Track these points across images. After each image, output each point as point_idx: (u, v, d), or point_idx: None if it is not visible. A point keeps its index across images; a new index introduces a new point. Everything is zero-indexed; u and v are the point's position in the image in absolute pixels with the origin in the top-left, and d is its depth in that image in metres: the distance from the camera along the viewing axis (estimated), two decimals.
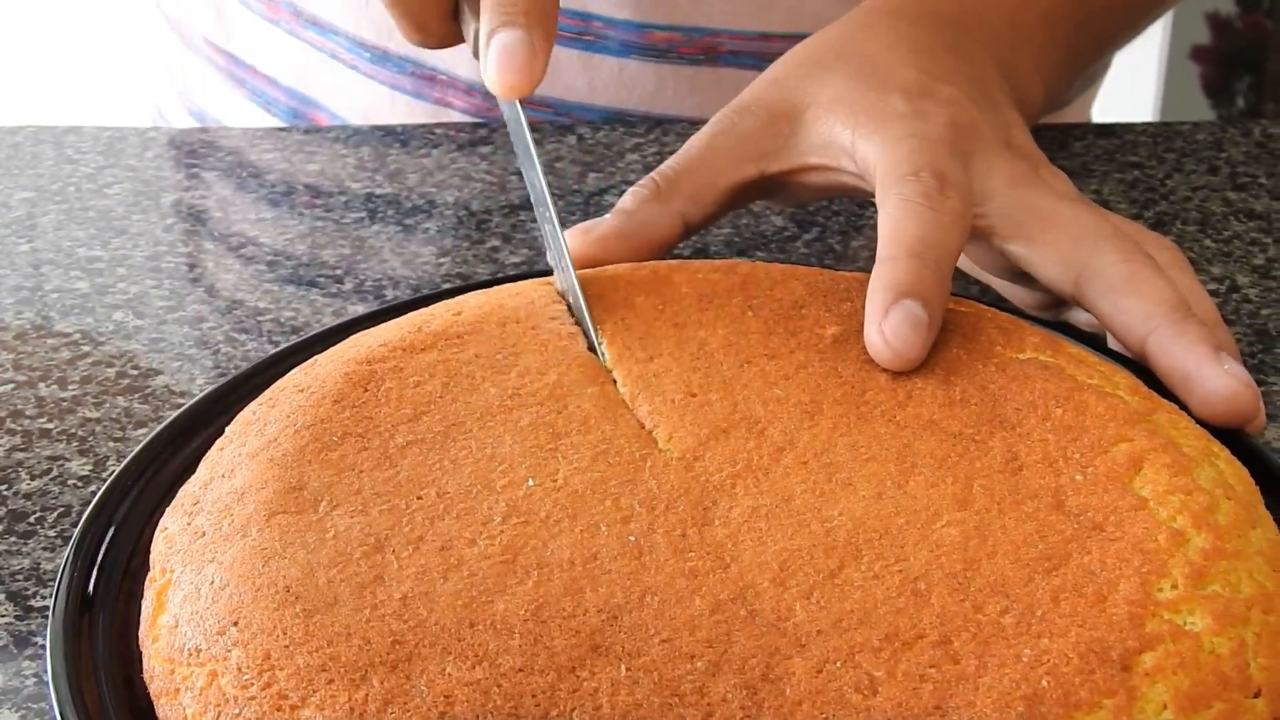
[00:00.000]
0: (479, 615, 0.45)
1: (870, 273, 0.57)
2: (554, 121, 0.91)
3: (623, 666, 0.43)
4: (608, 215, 0.64)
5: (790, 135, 0.65)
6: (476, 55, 0.59)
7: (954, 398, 0.53)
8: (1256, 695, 0.44)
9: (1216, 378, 0.54)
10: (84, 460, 0.62)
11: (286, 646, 0.44)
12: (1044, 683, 0.42)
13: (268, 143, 0.90)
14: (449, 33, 0.63)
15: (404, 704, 0.42)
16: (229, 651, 0.44)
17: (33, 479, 0.61)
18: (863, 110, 0.63)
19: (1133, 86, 2.10)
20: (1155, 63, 2.08)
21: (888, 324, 0.54)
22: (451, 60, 0.92)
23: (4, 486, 0.61)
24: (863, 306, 0.57)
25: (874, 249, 0.57)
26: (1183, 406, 0.54)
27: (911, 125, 0.61)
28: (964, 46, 0.68)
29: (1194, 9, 2.07)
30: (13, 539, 0.58)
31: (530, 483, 0.50)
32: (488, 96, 0.91)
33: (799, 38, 0.71)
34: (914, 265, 0.56)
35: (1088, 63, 0.79)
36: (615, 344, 0.56)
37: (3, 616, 0.54)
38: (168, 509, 0.51)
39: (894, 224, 0.57)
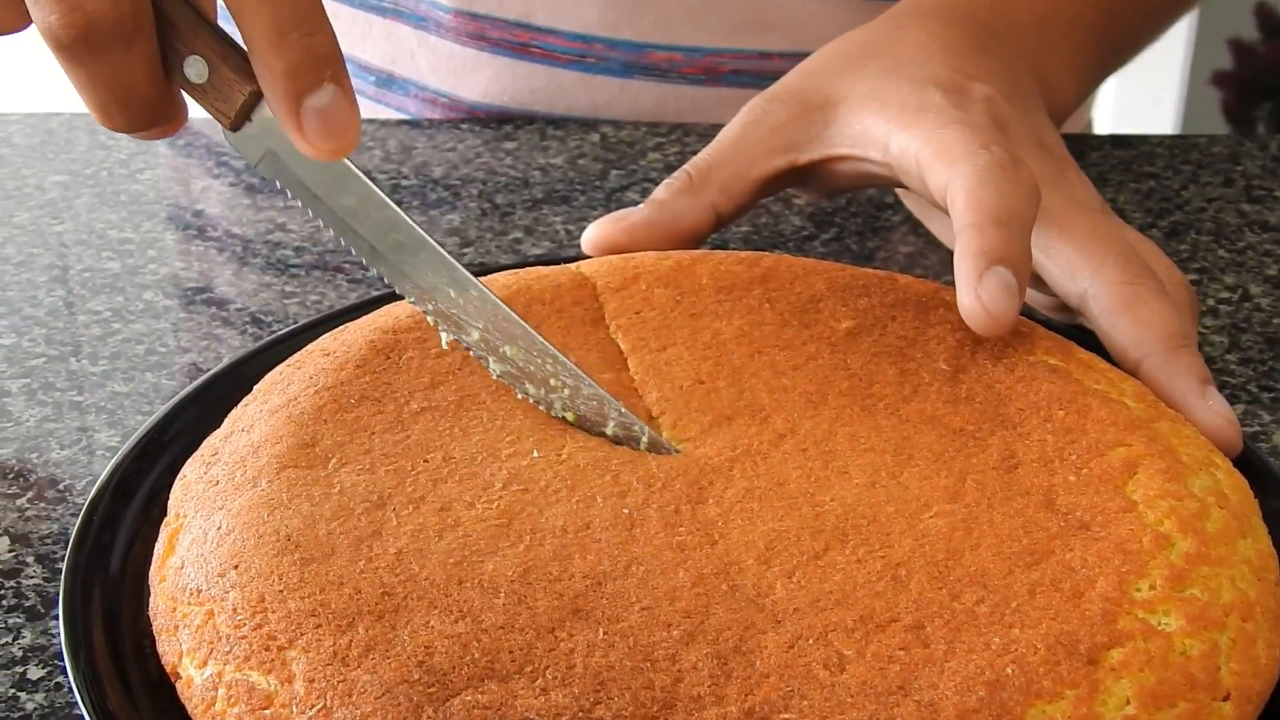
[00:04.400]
0: (468, 574, 0.46)
1: (880, 270, 0.57)
2: (579, 119, 0.93)
3: (600, 630, 0.44)
4: (640, 205, 0.66)
5: (823, 127, 0.66)
6: (231, 124, 0.51)
7: (959, 395, 0.54)
8: (1225, 699, 0.44)
9: (1200, 410, 0.55)
10: (113, 432, 0.64)
11: (280, 591, 0.46)
12: (1009, 670, 0.43)
13: None
14: (161, 99, 0.51)
15: (385, 651, 0.44)
16: (227, 593, 0.46)
17: (63, 448, 0.63)
18: (897, 103, 0.64)
19: (1153, 110, 2.08)
20: (1176, 87, 2.06)
21: (984, 289, 0.54)
22: (453, 82, 0.93)
23: (35, 455, 0.63)
24: (879, 303, 0.58)
25: (890, 251, 0.58)
26: None
27: (952, 114, 0.62)
28: (996, 48, 0.68)
29: (1216, 34, 2.05)
30: (43, 504, 0.60)
31: (535, 454, 0.51)
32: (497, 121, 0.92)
33: (800, 56, 0.71)
34: (1001, 233, 0.55)
35: (1115, 65, 0.80)
36: (630, 335, 0.57)
37: (31, 578, 0.56)
38: (189, 459, 0.53)
39: (971, 193, 0.57)
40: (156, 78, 0.50)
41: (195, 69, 0.51)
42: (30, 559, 0.57)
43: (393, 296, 0.62)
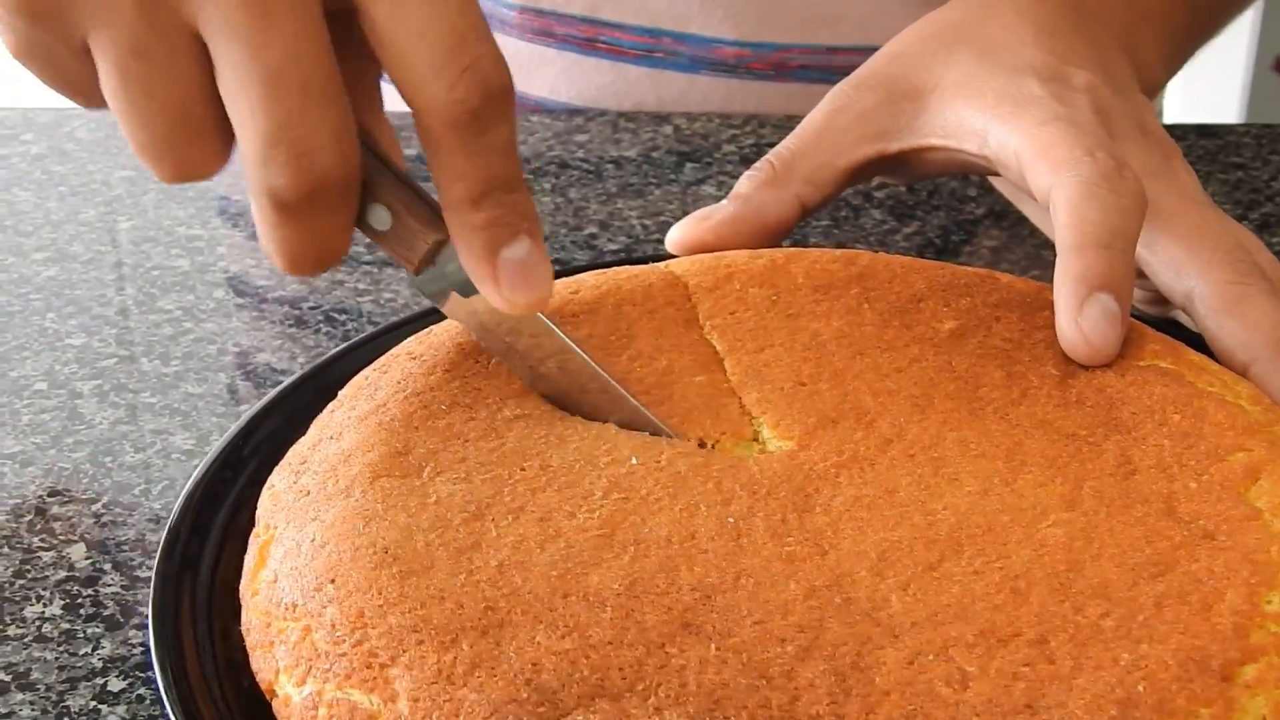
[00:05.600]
0: (572, 586, 0.45)
1: (979, 269, 0.56)
2: (651, 112, 0.92)
3: (712, 646, 0.43)
4: (724, 201, 0.64)
5: (913, 116, 0.64)
6: (415, 270, 0.52)
7: (1070, 399, 0.53)
8: None
9: None
10: (187, 435, 0.64)
11: (380, 606, 0.44)
12: (1139, 688, 0.42)
13: None
14: (348, 248, 0.52)
15: (491, 669, 0.43)
16: (324, 608, 0.45)
17: (136, 451, 0.63)
18: (993, 93, 0.62)
19: (1217, 98, 2.06)
20: (1241, 73, 2.04)
21: (1085, 319, 0.53)
22: (518, 79, 0.92)
23: (109, 459, 0.62)
24: (981, 303, 0.56)
25: (975, 245, 0.57)
26: None
27: (1054, 109, 0.60)
28: (1088, 27, 0.67)
29: (1279, 20, 2.02)
30: (118, 510, 0.59)
31: (634, 460, 0.50)
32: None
33: (868, 51, 0.70)
34: (1104, 256, 0.54)
35: (1202, 40, 0.78)
36: (726, 336, 0.56)
37: (109, 586, 0.55)
38: (276, 467, 0.52)
39: (1074, 209, 0.56)
40: (351, 230, 0.50)
41: (379, 217, 0.51)
42: (108, 566, 0.56)
43: None
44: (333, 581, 0.46)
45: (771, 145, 0.67)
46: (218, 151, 0.49)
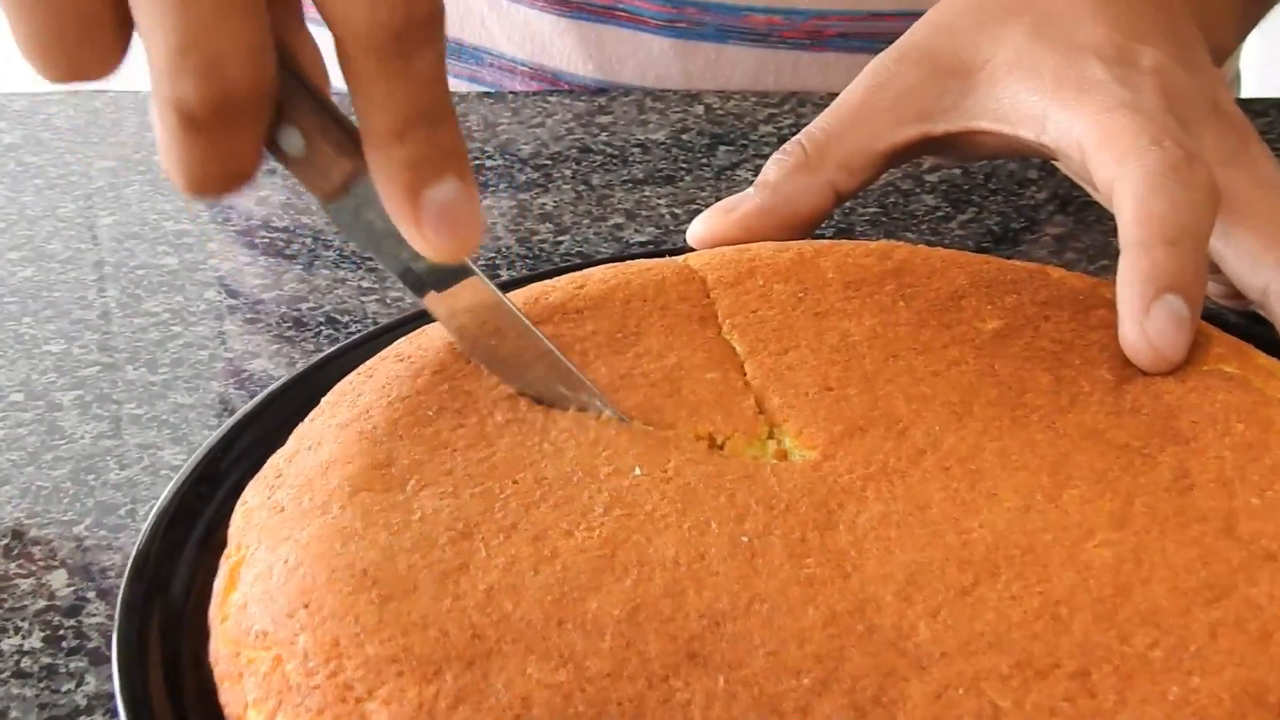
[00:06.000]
0: (569, 613, 0.45)
1: (1029, 263, 0.56)
2: (680, 90, 0.92)
3: (721, 678, 0.43)
4: (749, 190, 0.64)
5: (960, 95, 0.64)
6: (327, 197, 0.51)
7: (1123, 406, 0.52)
8: None
9: None
10: (178, 449, 0.64)
11: (357, 634, 0.45)
12: None
13: None
14: (256, 171, 0.51)
15: (477, 704, 0.43)
16: (297, 636, 0.45)
17: (122, 468, 0.63)
18: (1051, 75, 0.62)
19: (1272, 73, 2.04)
20: None
21: (1151, 323, 0.53)
22: (532, 49, 0.92)
23: (92, 476, 0.62)
24: (1029, 300, 0.56)
25: (1037, 232, 0.57)
26: None
27: (1118, 94, 0.60)
28: None
29: None
30: (102, 532, 0.59)
31: (637, 472, 0.50)
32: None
33: (914, 16, 0.69)
34: (1173, 254, 0.54)
35: (1271, 2, 0.77)
36: (747, 336, 0.56)
37: (93, 616, 0.55)
38: (250, 481, 0.52)
39: (1140, 202, 0.56)
40: (261, 151, 0.50)
41: (291, 140, 0.50)
42: (91, 594, 0.56)
43: None
44: (306, 607, 0.46)
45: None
46: (114, 50, 0.47)
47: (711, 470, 0.50)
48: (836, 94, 0.67)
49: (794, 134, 0.66)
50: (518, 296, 0.58)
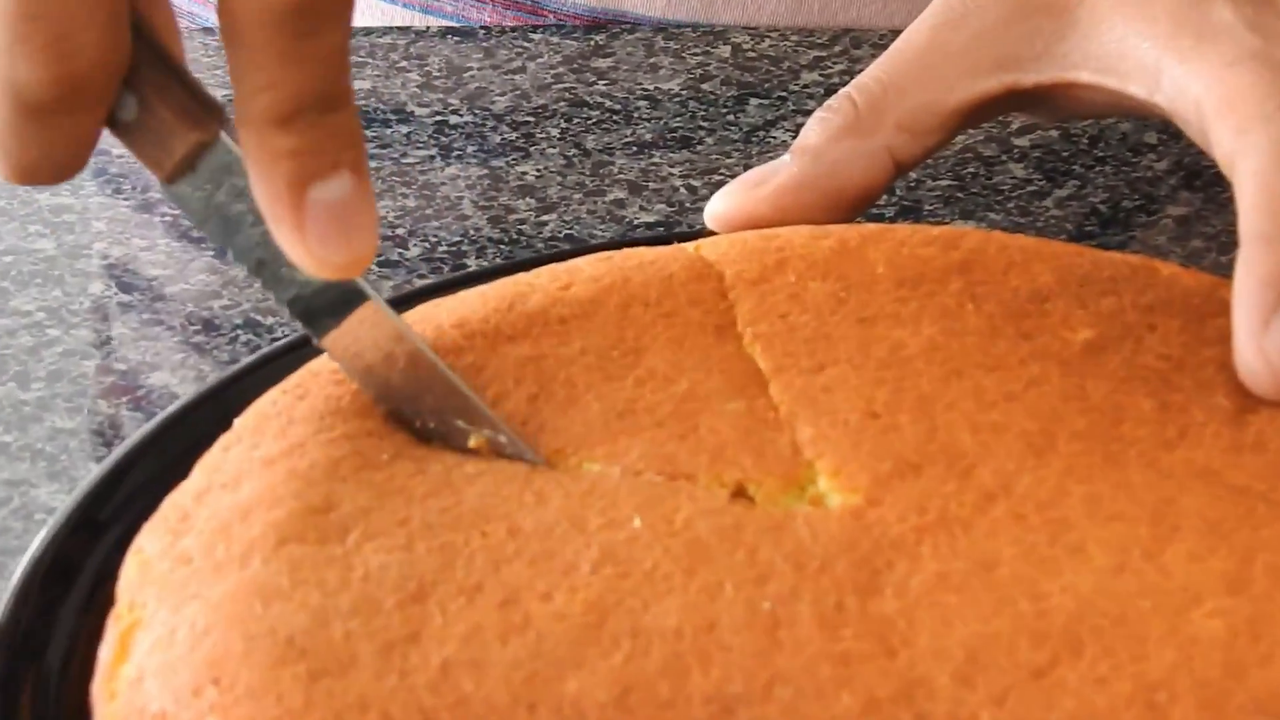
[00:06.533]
0: (542, 695, 0.47)
1: (1133, 255, 0.57)
2: (700, 25, 0.93)
3: None
4: (784, 157, 0.66)
5: (1055, 38, 0.66)
6: (166, 175, 0.53)
7: (1245, 440, 0.54)
8: None
9: None
10: (56, 486, 0.65)
11: (279, 717, 0.47)
12: None
13: None
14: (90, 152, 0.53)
15: None
16: (204, 718, 0.47)
17: None
18: (1167, 15, 0.63)
19: None
20: None
21: (1271, 338, 0.55)
22: None
23: None
24: (1131, 304, 0.58)
25: (1156, 211, 0.58)
26: None
27: (1248, 42, 0.61)
28: None
29: None
30: None
31: (636, 522, 0.52)
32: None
33: None
34: None
35: None
36: (773, 349, 0.58)
37: None
38: (146, 524, 0.55)
39: (1264, 185, 0.57)
40: (100, 132, 0.52)
41: (124, 105, 0.52)
42: None
43: (435, 292, 0.63)
44: (216, 682, 0.48)
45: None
46: None
47: (729, 522, 0.52)
48: (897, 31, 0.68)
49: (847, 83, 0.67)
50: (484, 299, 0.60)
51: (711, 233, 0.65)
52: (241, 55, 0.50)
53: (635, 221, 0.80)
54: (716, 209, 0.66)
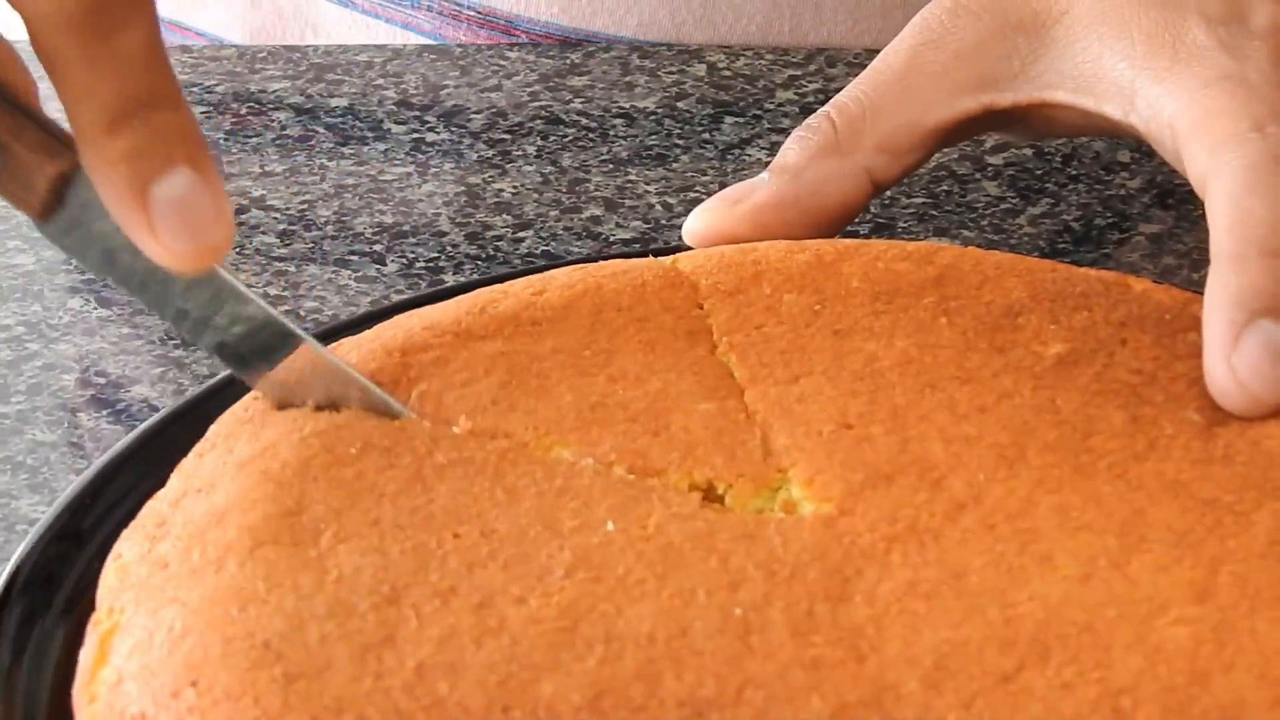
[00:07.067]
0: (517, 698, 0.48)
1: (1106, 271, 0.57)
2: (675, 45, 0.93)
3: None
4: (762, 175, 0.67)
5: (1031, 57, 0.67)
6: (38, 214, 0.54)
7: (1214, 453, 0.55)
8: None
9: None
10: (37, 499, 0.66)
11: (257, 718, 0.48)
12: None
13: (274, 66, 0.93)
14: None
15: None
16: None
17: None
18: (1143, 35, 0.64)
19: None
20: None
21: (1240, 357, 0.56)
22: None
23: None
24: (1103, 319, 0.59)
25: (1129, 229, 0.59)
26: None
27: (1221, 63, 0.62)
28: None
29: None
30: None
31: (610, 526, 0.53)
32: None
33: None
34: (1272, 270, 0.57)
35: None
36: (748, 359, 0.59)
37: None
38: (125, 530, 0.56)
39: (1235, 205, 0.58)
40: None
41: None
42: None
43: (413, 304, 0.64)
44: (194, 685, 0.49)
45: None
46: None
47: (702, 527, 0.53)
48: (872, 50, 0.69)
49: (822, 102, 0.67)
50: (456, 305, 0.61)
51: (689, 248, 0.66)
52: (54, 68, 0.51)
53: (611, 238, 0.80)
54: (694, 226, 0.67)
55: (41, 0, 0.50)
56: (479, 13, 0.95)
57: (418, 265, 0.79)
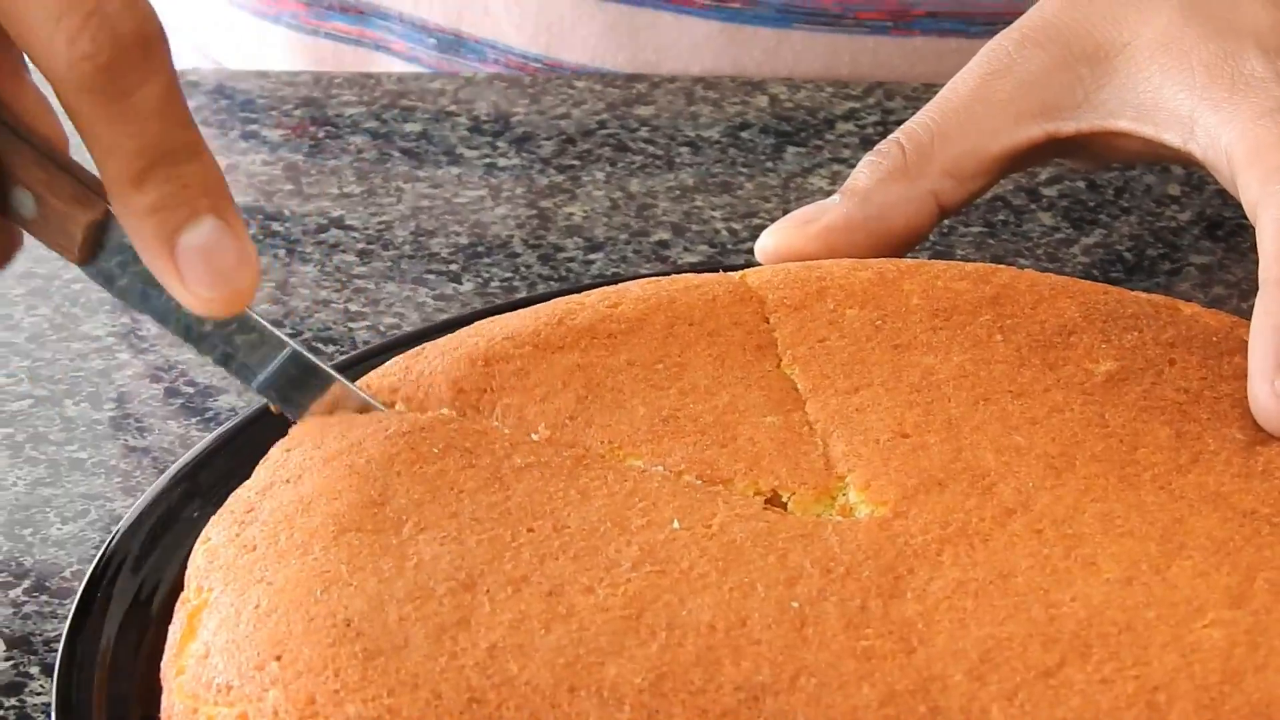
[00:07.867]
0: (583, 679, 0.51)
1: (1157, 295, 0.59)
2: (737, 77, 0.95)
3: None
4: (834, 197, 0.69)
5: (1095, 86, 0.68)
6: (78, 259, 0.58)
7: (1254, 468, 0.58)
8: None
9: None
10: (129, 500, 0.68)
11: (337, 691, 0.51)
12: None
13: (350, 92, 0.95)
14: None
15: None
16: (266, 691, 0.51)
17: (64, 523, 0.67)
18: (1203, 66, 0.66)
19: None
20: None
21: None
22: (548, 41, 0.96)
23: (29, 531, 0.67)
24: (1152, 340, 0.62)
25: (1179, 260, 0.60)
26: None
27: (1276, 94, 0.64)
28: None
29: None
30: (44, 597, 0.64)
31: (675, 525, 0.56)
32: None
33: None
34: None
35: None
36: (811, 370, 0.62)
37: (38, 695, 0.60)
38: (213, 517, 0.59)
39: None
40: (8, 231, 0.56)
41: (23, 203, 0.57)
42: (35, 670, 0.61)
43: (489, 312, 0.67)
44: (278, 659, 0.52)
45: (902, 123, 0.71)
46: None
47: (763, 527, 0.56)
48: (929, 84, 0.70)
49: (880, 133, 0.69)
50: (535, 316, 0.64)
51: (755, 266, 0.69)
52: (79, 126, 0.54)
53: (680, 261, 0.82)
54: (766, 244, 0.69)
55: (59, 64, 0.53)
56: (545, 65, 0.98)
57: (492, 283, 0.81)
